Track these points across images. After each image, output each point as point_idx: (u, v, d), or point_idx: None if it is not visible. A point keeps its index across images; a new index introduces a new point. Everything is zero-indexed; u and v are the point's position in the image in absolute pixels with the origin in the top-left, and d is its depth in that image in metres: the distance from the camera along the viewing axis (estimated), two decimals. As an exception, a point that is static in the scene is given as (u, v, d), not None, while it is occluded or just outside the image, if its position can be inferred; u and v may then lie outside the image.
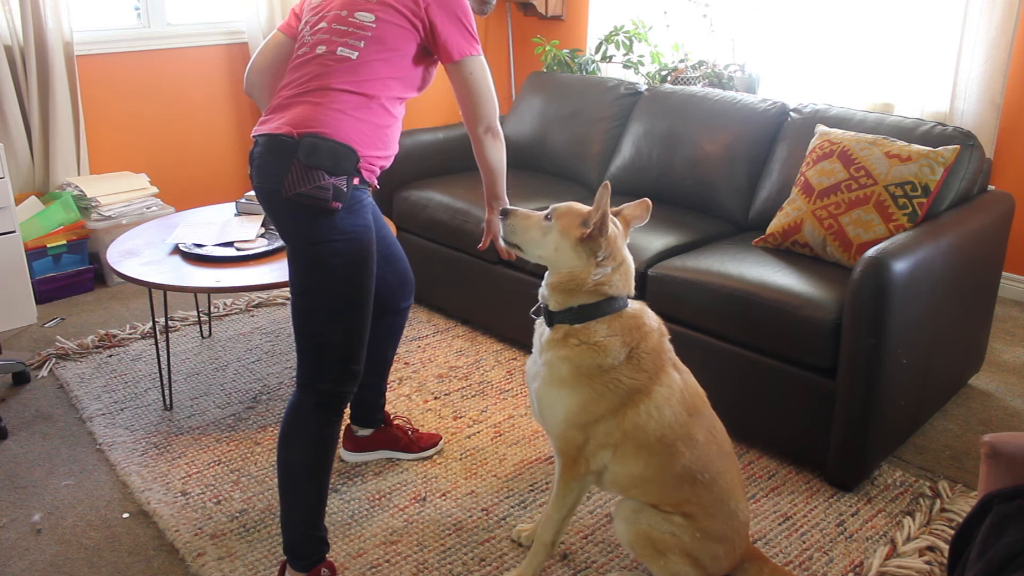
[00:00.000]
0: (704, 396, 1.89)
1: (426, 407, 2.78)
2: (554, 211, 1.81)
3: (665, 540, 1.78)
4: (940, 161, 2.45)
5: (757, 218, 2.96)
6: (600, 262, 1.76)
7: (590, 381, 1.76)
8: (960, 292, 2.52)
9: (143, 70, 4.07)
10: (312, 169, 1.76)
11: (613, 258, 1.77)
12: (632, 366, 1.76)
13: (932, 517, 2.21)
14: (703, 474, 1.79)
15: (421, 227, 3.41)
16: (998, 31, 3.30)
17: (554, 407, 1.81)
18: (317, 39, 1.89)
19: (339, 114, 1.81)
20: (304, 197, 1.77)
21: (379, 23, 1.86)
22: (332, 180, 1.77)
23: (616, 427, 1.77)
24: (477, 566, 2.06)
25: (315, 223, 1.80)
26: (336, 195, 1.78)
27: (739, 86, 3.84)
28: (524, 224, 1.84)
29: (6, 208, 3.04)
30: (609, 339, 1.76)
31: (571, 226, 1.77)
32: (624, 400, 1.76)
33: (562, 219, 1.79)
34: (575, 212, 1.79)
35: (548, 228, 1.80)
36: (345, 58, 1.84)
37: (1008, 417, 2.71)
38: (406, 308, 2.36)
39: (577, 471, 1.83)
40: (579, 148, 3.56)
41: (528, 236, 1.83)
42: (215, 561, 2.07)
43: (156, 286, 2.51)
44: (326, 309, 1.84)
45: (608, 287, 1.77)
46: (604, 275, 1.77)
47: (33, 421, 2.72)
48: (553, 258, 1.80)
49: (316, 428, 1.90)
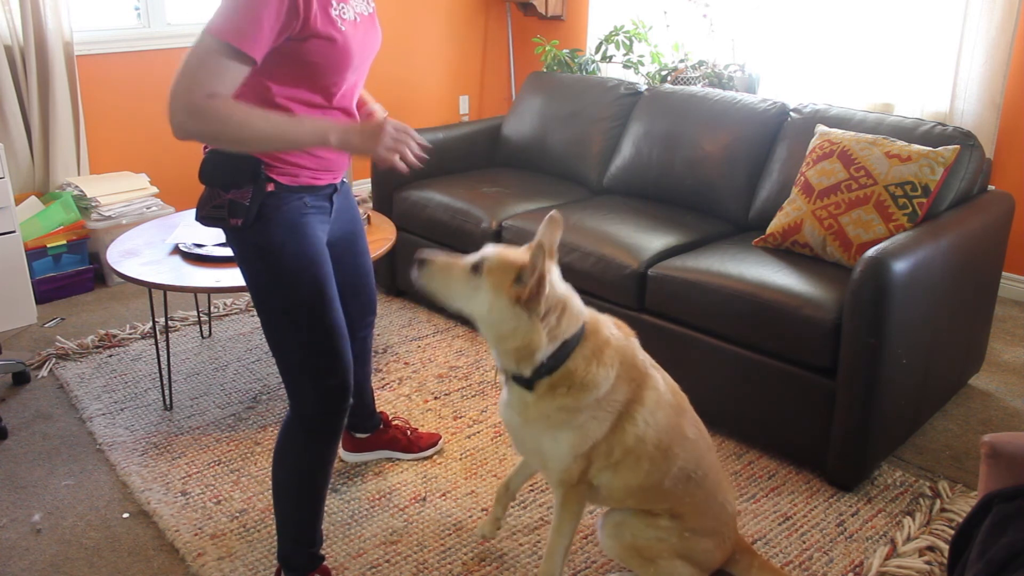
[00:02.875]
0: (681, 391, 1.86)
1: (426, 407, 2.78)
2: (484, 263, 1.63)
3: (652, 546, 1.77)
4: (940, 161, 2.45)
5: (757, 218, 2.96)
6: (543, 317, 1.62)
7: (591, 414, 1.70)
8: (960, 292, 2.52)
9: (143, 70, 4.07)
10: (211, 188, 1.69)
11: (555, 308, 1.64)
12: (622, 381, 1.72)
13: (932, 517, 2.21)
14: (696, 471, 1.78)
15: (421, 227, 3.41)
16: (998, 31, 3.30)
17: (559, 447, 1.74)
18: None
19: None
20: (205, 220, 1.71)
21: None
22: (228, 195, 1.66)
23: (618, 444, 1.73)
24: (477, 566, 2.06)
25: (234, 242, 1.73)
26: (233, 211, 1.66)
27: (739, 86, 3.84)
28: (445, 275, 1.66)
29: (6, 208, 3.04)
30: (592, 371, 1.68)
31: (503, 282, 1.60)
32: (622, 416, 1.72)
33: (492, 275, 1.61)
34: (507, 265, 1.62)
35: (477, 284, 1.62)
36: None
37: (1008, 417, 2.71)
38: (366, 336, 2.22)
39: (579, 493, 1.78)
40: (579, 148, 3.56)
41: (453, 291, 1.66)
42: (215, 561, 2.07)
43: (156, 286, 2.51)
44: (278, 328, 1.76)
45: (562, 332, 1.66)
46: (551, 327, 1.63)
47: (33, 421, 2.72)
48: (489, 319, 1.64)
49: (304, 452, 1.83)
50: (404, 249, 3.46)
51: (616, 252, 2.74)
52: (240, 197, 1.66)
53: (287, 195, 1.71)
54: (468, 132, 3.86)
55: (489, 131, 3.90)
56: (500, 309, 1.61)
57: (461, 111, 5.42)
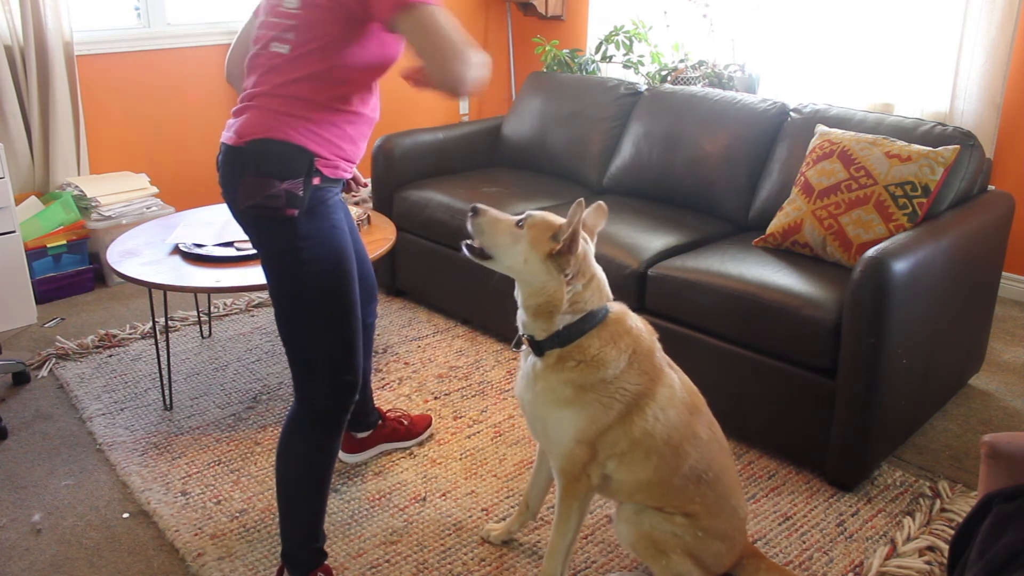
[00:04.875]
0: (699, 393, 1.88)
1: (426, 407, 2.78)
2: (527, 219, 1.75)
3: (667, 540, 1.78)
4: (940, 161, 2.45)
5: (757, 218, 2.96)
6: (569, 280, 1.71)
7: (596, 395, 1.73)
8: (960, 292, 2.52)
9: (143, 70, 4.07)
10: (262, 177, 1.67)
11: (582, 275, 1.73)
12: (633, 371, 1.75)
13: (932, 517, 2.21)
14: (707, 472, 1.78)
15: (421, 227, 3.41)
16: (998, 31, 3.30)
17: (562, 427, 1.76)
18: (259, 34, 1.78)
19: (283, 116, 1.69)
20: (256, 208, 1.69)
21: (304, 7, 1.69)
22: (284, 186, 1.67)
23: (624, 435, 1.74)
24: (477, 566, 2.06)
25: (276, 232, 1.72)
26: (290, 201, 1.67)
27: (739, 86, 3.84)
28: (493, 227, 1.76)
29: (6, 208, 3.03)
30: (604, 351, 1.73)
31: (541, 238, 1.71)
32: (630, 407, 1.74)
33: (533, 229, 1.73)
34: (547, 224, 1.73)
35: (518, 236, 1.73)
36: (277, 54, 1.71)
37: (1008, 417, 2.71)
38: (372, 324, 2.27)
39: (579, 489, 1.80)
40: (579, 148, 3.56)
41: (497, 240, 1.75)
42: (215, 561, 2.07)
43: (156, 286, 2.51)
44: (306, 321, 1.76)
45: (584, 303, 1.73)
46: (576, 292, 1.72)
47: (33, 421, 2.72)
48: (522, 270, 1.73)
49: (314, 444, 1.85)
50: (404, 249, 3.46)
51: (616, 252, 2.74)
52: (294, 188, 1.68)
53: (327, 188, 1.76)
54: (468, 132, 3.86)
55: (489, 131, 3.90)
56: (534, 262, 1.71)
57: (461, 111, 5.42)
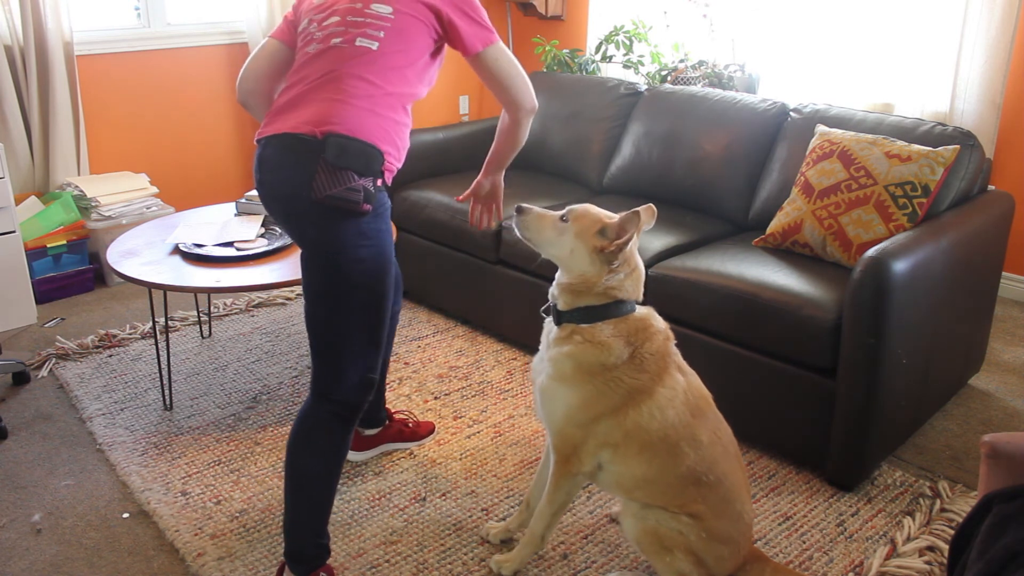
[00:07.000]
0: (710, 398, 1.89)
1: (426, 407, 2.78)
2: (570, 213, 1.83)
3: (672, 537, 1.78)
4: (940, 161, 2.45)
5: (757, 218, 2.96)
6: (614, 268, 1.78)
7: (591, 378, 1.78)
8: (960, 292, 2.52)
9: (143, 70, 4.07)
10: (341, 170, 1.70)
11: (627, 264, 1.80)
12: (634, 366, 1.77)
13: (932, 517, 2.21)
14: (708, 475, 1.79)
15: (421, 227, 3.41)
16: (998, 31, 3.30)
17: (555, 402, 1.83)
18: (329, 32, 1.82)
19: (361, 111, 1.76)
20: (335, 200, 1.70)
21: (398, 15, 1.81)
22: (362, 182, 1.72)
23: (617, 426, 1.78)
24: (477, 566, 2.06)
25: (342, 228, 1.74)
26: (367, 197, 1.73)
27: (739, 86, 3.84)
28: (539, 223, 1.86)
29: (6, 208, 3.03)
30: (613, 338, 1.78)
31: (587, 231, 1.79)
32: (625, 399, 1.77)
33: (578, 222, 1.80)
34: (592, 217, 1.81)
35: (563, 229, 1.81)
36: (365, 49, 1.79)
37: (1008, 417, 2.71)
38: (398, 311, 2.35)
39: (569, 469, 1.85)
40: (579, 148, 3.56)
41: (543, 235, 1.85)
42: (215, 561, 2.07)
43: (156, 286, 2.51)
44: (348, 318, 1.79)
45: (618, 291, 1.80)
46: (616, 280, 1.79)
47: (33, 421, 2.72)
48: (567, 260, 1.82)
49: (331, 437, 1.86)
50: (404, 249, 3.46)
51: (616, 252, 2.74)
52: (369, 184, 1.74)
53: (383, 191, 1.83)
54: (468, 132, 3.86)
55: (489, 131, 3.85)
56: (580, 253, 1.79)
57: (461, 111, 5.41)
